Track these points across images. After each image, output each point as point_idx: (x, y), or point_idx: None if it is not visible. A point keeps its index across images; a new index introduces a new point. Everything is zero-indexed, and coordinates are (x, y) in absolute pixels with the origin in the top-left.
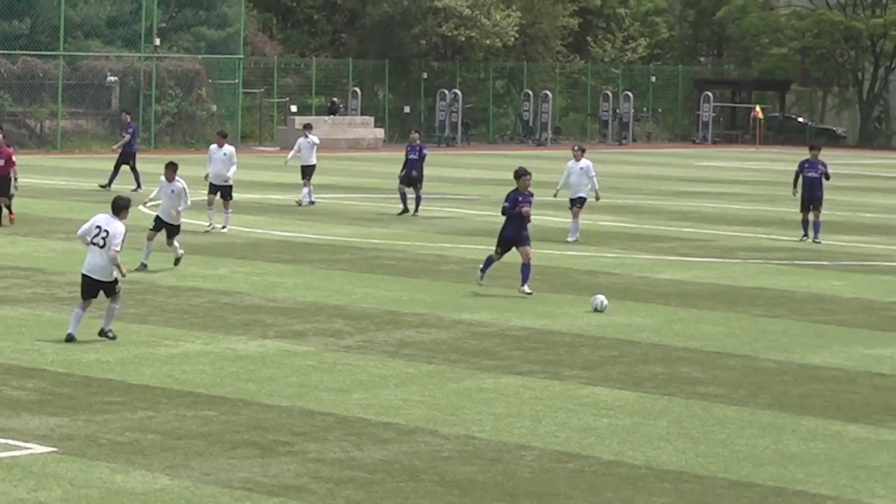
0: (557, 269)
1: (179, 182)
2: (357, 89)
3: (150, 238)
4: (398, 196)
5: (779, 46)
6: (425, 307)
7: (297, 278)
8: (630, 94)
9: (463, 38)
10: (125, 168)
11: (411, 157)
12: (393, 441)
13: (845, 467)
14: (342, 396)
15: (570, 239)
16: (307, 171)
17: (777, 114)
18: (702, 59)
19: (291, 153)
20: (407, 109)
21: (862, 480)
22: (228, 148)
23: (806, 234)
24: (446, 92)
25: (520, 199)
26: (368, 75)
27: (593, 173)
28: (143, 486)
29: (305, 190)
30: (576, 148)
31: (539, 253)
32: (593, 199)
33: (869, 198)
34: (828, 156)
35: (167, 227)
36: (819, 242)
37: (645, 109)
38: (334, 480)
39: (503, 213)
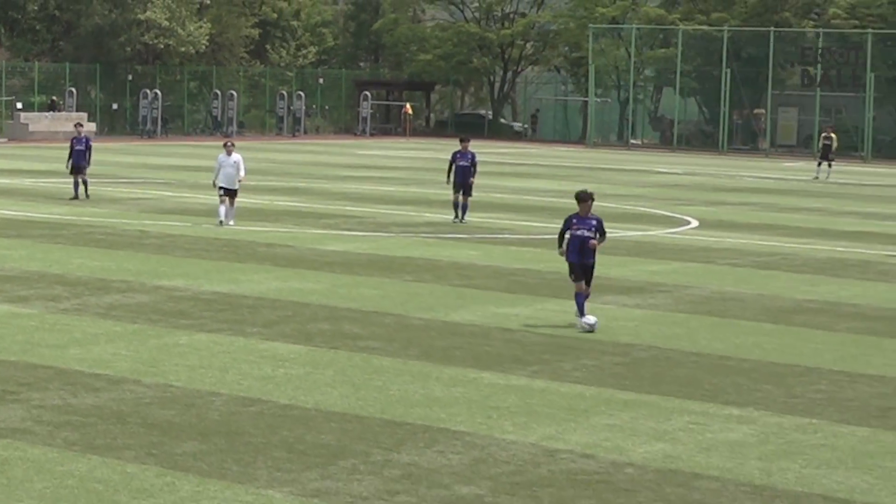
0: (241, 241)
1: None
2: (73, 89)
3: None
4: (122, 180)
5: (425, 53)
6: (130, 275)
7: (21, 251)
8: (302, 93)
9: (162, 46)
10: None
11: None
12: (103, 390)
13: (481, 408)
14: (60, 352)
15: (230, 223)
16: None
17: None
18: (361, 63)
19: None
20: (115, 106)
21: (494, 419)
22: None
23: (457, 216)
24: (148, 91)
25: (574, 221)
26: (83, 77)
27: (244, 167)
28: None
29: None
30: (228, 143)
31: (223, 228)
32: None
33: (502, 181)
34: (475, 146)
35: None
36: (465, 223)
37: (314, 106)
38: (54, 424)
39: (559, 239)
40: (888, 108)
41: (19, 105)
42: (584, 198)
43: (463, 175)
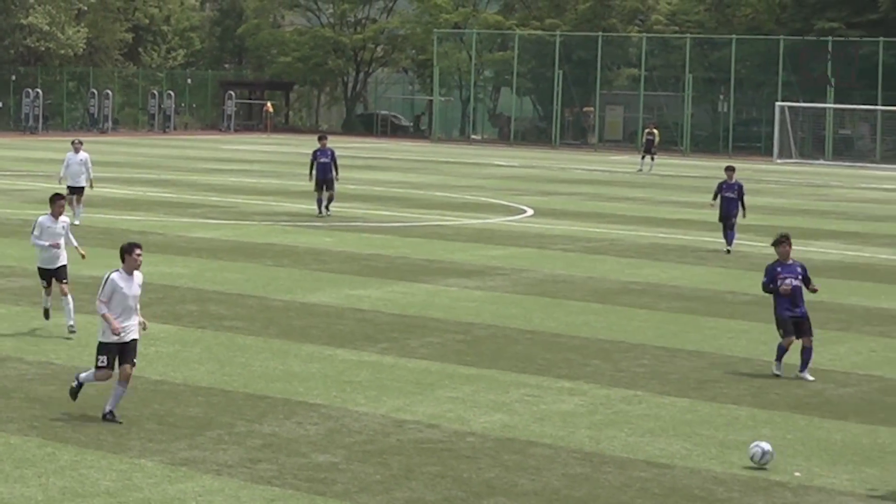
0: (115, 229)
1: None
2: None
3: None
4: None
5: (285, 56)
6: (13, 261)
7: None
8: (172, 92)
9: (43, 49)
10: None
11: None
12: None
13: (335, 382)
14: None
15: (76, 222)
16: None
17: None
18: (226, 65)
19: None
20: (0, 104)
21: (348, 392)
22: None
23: (321, 212)
24: (30, 91)
25: (778, 269)
26: None
27: (90, 165)
28: None
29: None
30: (75, 141)
31: (96, 217)
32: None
33: (354, 173)
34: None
35: None
36: (330, 214)
37: (183, 105)
38: None
39: (764, 291)
40: (705, 107)
41: None
42: (779, 241)
43: (324, 171)
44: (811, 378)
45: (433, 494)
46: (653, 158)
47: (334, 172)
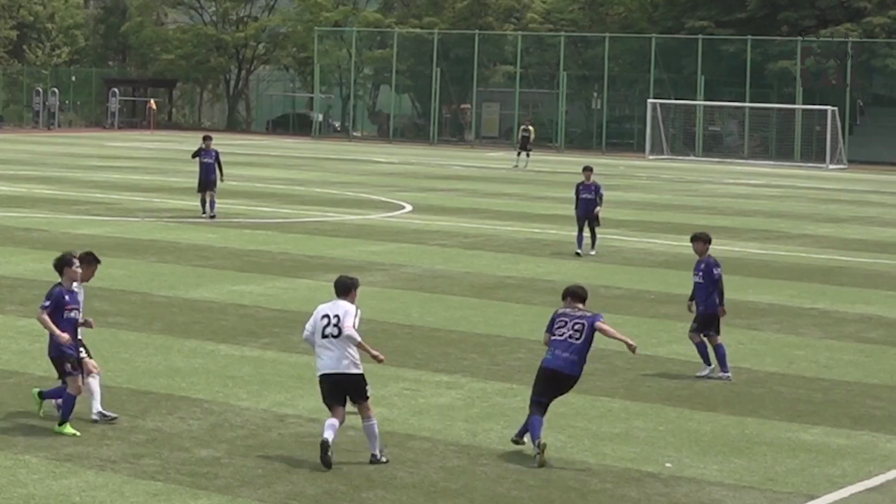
0: (0, 226)
1: None
2: None
3: None
4: None
5: (168, 53)
6: None
7: None
8: (56, 90)
9: None
10: None
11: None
12: None
13: (218, 377)
14: None
15: None
16: None
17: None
18: (110, 62)
19: None
20: None
21: (230, 387)
22: None
23: (204, 212)
24: None
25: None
26: None
27: None
28: None
29: None
30: None
31: None
32: None
33: (236, 170)
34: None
35: None
36: (214, 217)
37: (68, 102)
38: None
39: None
40: (579, 104)
41: None
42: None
43: (206, 172)
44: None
45: (314, 488)
46: (528, 155)
47: (218, 173)
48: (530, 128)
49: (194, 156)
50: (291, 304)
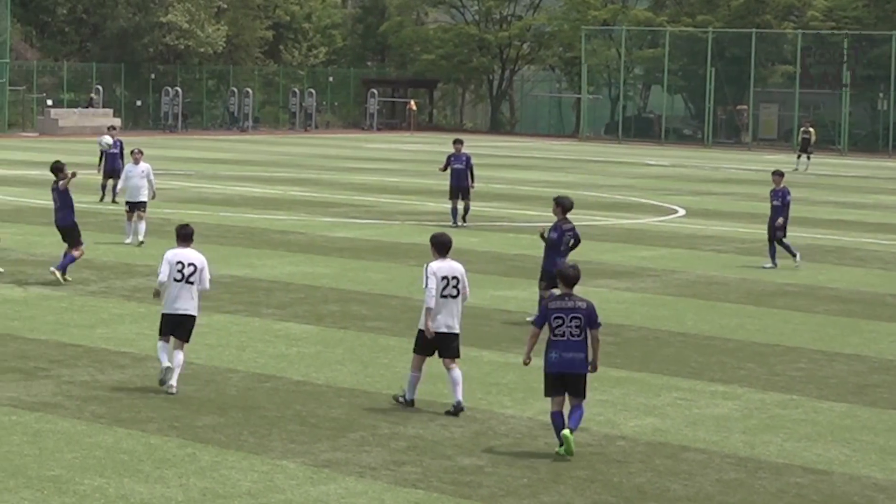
0: (256, 229)
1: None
2: (100, 87)
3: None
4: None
5: (428, 53)
6: (153, 259)
7: (52, 237)
8: (313, 90)
9: (182, 47)
10: None
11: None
12: (128, 366)
13: (481, 384)
14: (88, 331)
15: (141, 238)
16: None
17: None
18: (368, 63)
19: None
20: (139, 103)
21: (494, 395)
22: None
23: (456, 222)
24: (169, 89)
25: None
26: (108, 76)
27: (153, 177)
28: None
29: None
30: (135, 151)
31: (236, 217)
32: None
33: (499, 172)
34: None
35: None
36: (464, 225)
37: (325, 103)
38: (82, 398)
39: None
40: (863, 105)
41: (50, 102)
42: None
43: (458, 178)
44: None
45: (582, 499)
46: (809, 158)
47: (470, 180)
48: (811, 129)
49: (445, 167)
50: None
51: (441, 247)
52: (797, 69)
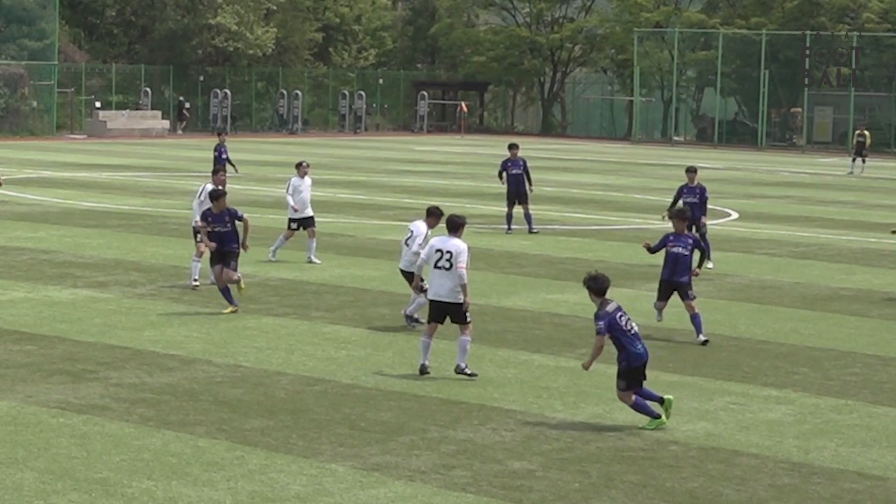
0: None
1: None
2: (148, 89)
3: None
4: (195, 174)
5: (479, 55)
6: (202, 262)
7: (100, 239)
8: (363, 93)
9: (231, 49)
10: None
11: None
12: (176, 369)
13: (532, 388)
14: (136, 334)
15: (312, 257)
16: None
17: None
18: (419, 65)
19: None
20: (188, 105)
21: (545, 399)
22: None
23: (510, 228)
24: (218, 91)
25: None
26: (157, 78)
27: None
28: None
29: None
30: (303, 164)
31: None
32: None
33: (551, 175)
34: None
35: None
36: (536, 232)
37: (374, 105)
38: (130, 401)
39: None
40: None
41: (98, 104)
42: None
43: (516, 184)
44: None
45: None
46: (864, 161)
47: (527, 185)
48: (866, 132)
49: (501, 173)
50: None
51: (451, 224)
52: (852, 71)
